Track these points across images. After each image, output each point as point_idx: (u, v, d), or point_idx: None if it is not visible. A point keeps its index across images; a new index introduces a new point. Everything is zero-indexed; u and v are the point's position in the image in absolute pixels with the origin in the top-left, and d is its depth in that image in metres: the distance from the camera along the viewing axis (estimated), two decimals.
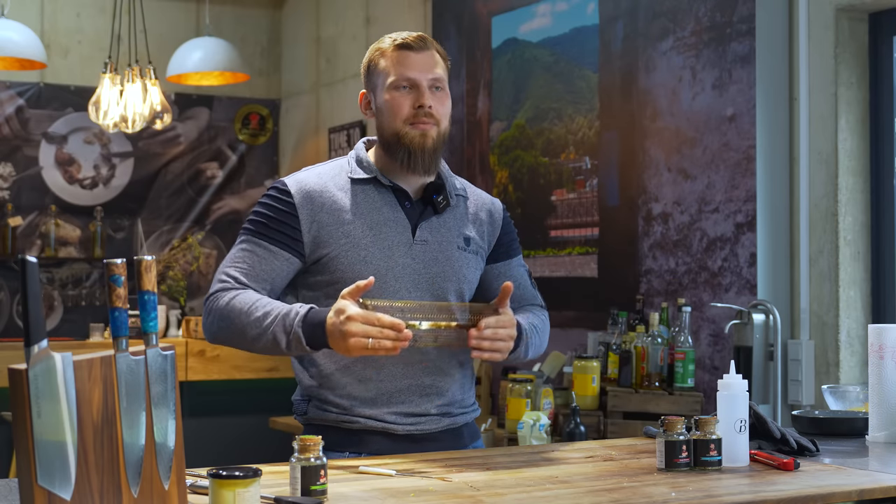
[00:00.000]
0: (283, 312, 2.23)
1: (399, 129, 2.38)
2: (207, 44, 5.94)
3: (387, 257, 2.36)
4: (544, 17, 4.84)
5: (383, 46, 2.42)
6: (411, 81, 2.38)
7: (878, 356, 2.54)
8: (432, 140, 2.39)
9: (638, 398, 3.99)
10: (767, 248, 3.84)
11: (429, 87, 2.39)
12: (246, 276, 2.32)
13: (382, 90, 2.40)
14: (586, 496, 1.87)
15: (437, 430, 2.41)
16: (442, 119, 2.41)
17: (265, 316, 2.24)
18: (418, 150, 2.37)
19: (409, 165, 2.39)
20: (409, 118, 2.37)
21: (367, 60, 2.46)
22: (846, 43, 3.76)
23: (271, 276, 2.34)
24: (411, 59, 2.39)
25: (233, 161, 7.03)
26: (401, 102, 2.38)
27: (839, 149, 3.73)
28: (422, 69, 2.39)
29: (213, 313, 2.31)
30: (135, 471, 1.60)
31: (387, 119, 2.40)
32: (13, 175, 6.47)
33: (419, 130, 2.37)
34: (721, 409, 2.18)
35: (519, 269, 2.59)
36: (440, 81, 2.41)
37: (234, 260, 2.36)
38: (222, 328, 2.30)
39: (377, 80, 2.42)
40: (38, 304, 1.48)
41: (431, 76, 2.39)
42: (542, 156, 4.82)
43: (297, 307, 2.24)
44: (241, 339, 2.28)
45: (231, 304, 2.28)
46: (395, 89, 2.38)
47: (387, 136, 2.40)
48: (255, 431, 5.98)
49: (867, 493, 2.00)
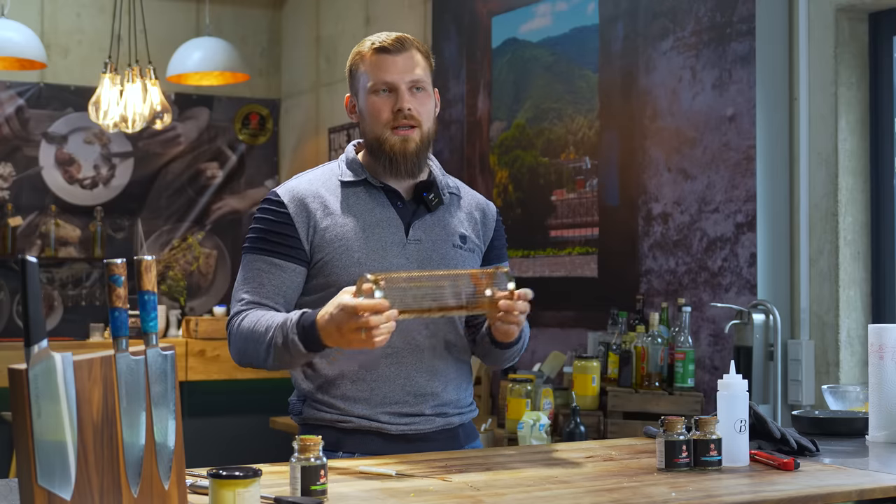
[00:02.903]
0: (280, 323, 2.25)
1: (380, 133, 2.38)
2: (207, 44, 5.94)
3: (380, 258, 2.36)
4: (544, 17, 4.84)
5: (363, 50, 2.42)
6: (390, 85, 2.38)
7: (878, 356, 2.54)
8: (415, 144, 2.39)
9: (638, 398, 3.99)
10: (767, 248, 3.84)
11: (408, 89, 2.38)
12: (259, 296, 2.34)
13: (364, 94, 2.41)
14: (586, 496, 1.87)
15: (431, 431, 2.40)
16: (424, 121, 2.40)
17: (266, 331, 2.26)
18: (399, 156, 2.38)
19: (391, 170, 2.40)
20: (390, 122, 2.38)
21: (349, 64, 2.46)
22: (846, 43, 3.76)
23: (282, 289, 2.35)
24: (388, 62, 2.38)
25: (233, 161, 7.03)
26: (380, 107, 2.38)
27: (839, 149, 3.73)
28: (400, 71, 2.38)
29: (232, 340, 2.35)
30: (135, 471, 1.60)
31: (369, 124, 2.40)
32: (13, 175, 6.47)
33: (400, 136, 2.37)
34: (721, 409, 2.18)
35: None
36: (420, 83, 2.40)
37: (244, 281, 2.37)
38: (241, 351, 2.34)
39: (358, 84, 2.43)
40: (38, 304, 1.48)
41: (410, 78, 2.39)
42: (542, 156, 4.82)
43: (290, 315, 2.25)
44: (258, 361, 2.31)
45: (241, 327, 2.31)
46: (374, 94, 2.39)
47: (370, 139, 2.42)
48: (255, 431, 5.98)
49: (867, 493, 2.00)
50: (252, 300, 2.34)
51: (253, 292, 2.35)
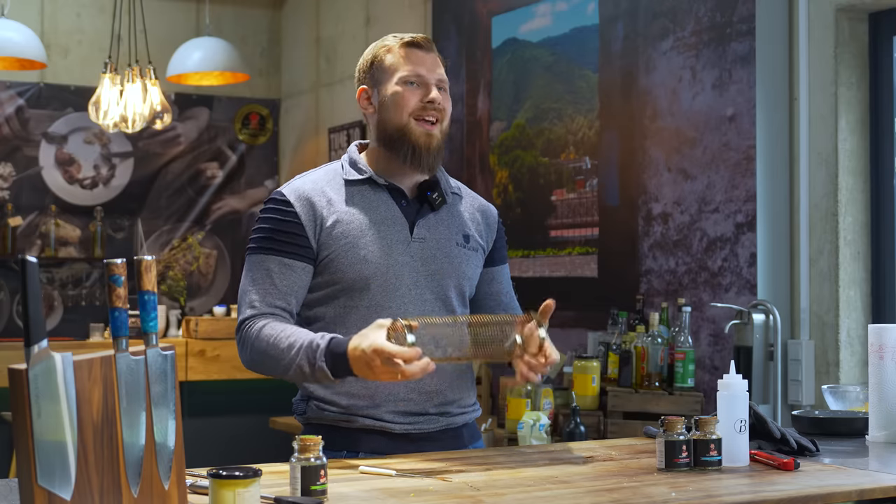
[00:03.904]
0: (307, 344, 2.24)
1: (405, 123, 2.39)
2: (207, 44, 5.94)
3: (385, 255, 2.37)
4: (544, 17, 4.84)
5: (389, 43, 2.45)
6: (420, 78, 2.41)
7: (878, 356, 2.54)
8: (437, 140, 2.42)
9: (638, 398, 3.99)
10: (767, 248, 3.84)
11: (435, 85, 2.42)
12: (270, 296, 2.34)
13: (388, 85, 2.42)
14: (586, 496, 1.87)
15: (435, 430, 2.41)
16: (445, 118, 2.44)
17: (290, 347, 2.25)
18: (423, 149, 2.39)
19: (412, 162, 2.40)
20: (416, 112, 2.39)
21: (371, 57, 2.47)
22: (846, 43, 3.76)
23: (293, 289, 2.35)
24: (420, 56, 2.43)
25: (233, 161, 7.03)
26: (408, 97, 2.40)
27: (839, 149, 3.73)
28: (430, 68, 2.42)
29: (245, 345, 2.34)
30: (135, 471, 1.60)
31: (392, 113, 2.41)
32: (13, 175, 6.47)
33: (424, 129, 2.39)
34: (721, 409, 2.18)
35: (507, 277, 2.63)
36: (444, 83, 2.45)
37: (254, 282, 2.36)
38: (255, 361, 2.33)
39: (382, 75, 2.43)
40: (38, 304, 1.48)
41: (438, 76, 2.43)
42: (542, 156, 4.82)
43: (318, 338, 2.24)
44: (274, 372, 2.32)
45: (260, 336, 2.30)
46: (404, 84, 2.41)
47: (390, 130, 2.41)
48: (255, 431, 5.98)
49: (867, 493, 2.00)
50: (265, 302, 2.33)
51: (265, 293, 2.34)
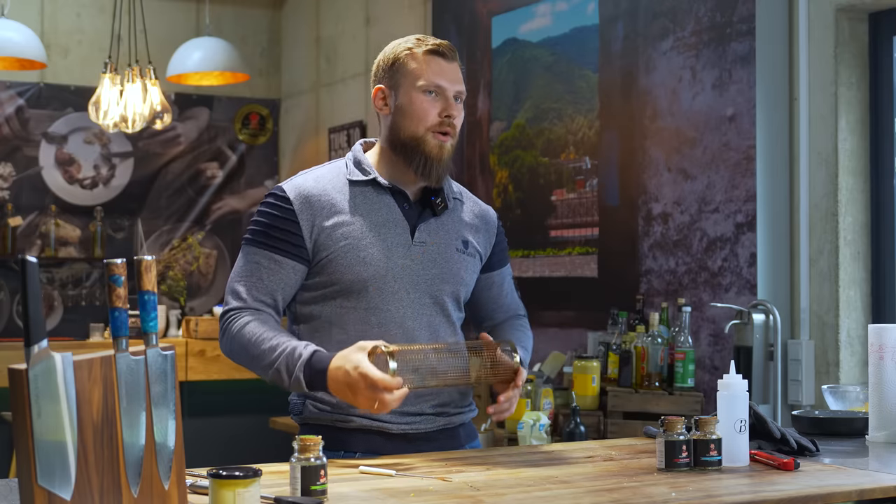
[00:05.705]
0: (289, 350, 2.25)
1: (421, 135, 2.37)
2: (207, 44, 5.94)
3: (386, 258, 2.36)
4: (544, 17, 4.84)
5: (413, 47, 2.41)
6: (441, 89, 2.38)
7: (878, 356, 2.54)
8: (447, 152, 2.40)
9: (638, 398, 3.99)
10: (767, 248, 3.84)
11: (453, 98, 2.40)
12: (256, 290, 2.34)
13: (408, 91, 2.39)
14: (586, 496, 1.87)
15: (432, 430, 2.41)
16: (457, 132, 2.43)
17: (272, 350, 2.27)
18: (436, 161, 2.38)
19: (423, 173, 2.38)
20: (434, 126, 2.37)
21: (393, 58, 2.42)
22: (846, 43, 3.76)
23: (280, 285, 2.36)
24: (443, 66, 2.40)
25: (233, 161, 7.03)
26: (427, 108, 2.37)
27: (839, 149, 3.73)
28: (451, 79, 2.40)
29: (227, 336, 2.35)
30: (135, 471, 1.60)
31: (409, 121, 2.38)
32: (13, 175, 6.47)
33: (439, 141, 2.37)
34: (721, 409, 2.18)
35: (507, 278, 2.63)
36: (462, 94, 2.42)
37: (241, 273, 2.37)
38: (234, 352, 2.35)
39: (402, 79, 2.40)
40: (38, 304, 1.48)
41: (457, 88, 2.41)
42: (542, 156, 4.82)
43: (301, 347, 2.25)
44: (251, 367, 2.34)
45: (242, 332, 2.31)
46: (423, 93, 2.38)
47: (404, 137, 2.39)
48: (255, 431, 5.98)
49: (867, 493, 2.00)
50: (251, 296, 2.34)
51: (250, 286, 2.34)
